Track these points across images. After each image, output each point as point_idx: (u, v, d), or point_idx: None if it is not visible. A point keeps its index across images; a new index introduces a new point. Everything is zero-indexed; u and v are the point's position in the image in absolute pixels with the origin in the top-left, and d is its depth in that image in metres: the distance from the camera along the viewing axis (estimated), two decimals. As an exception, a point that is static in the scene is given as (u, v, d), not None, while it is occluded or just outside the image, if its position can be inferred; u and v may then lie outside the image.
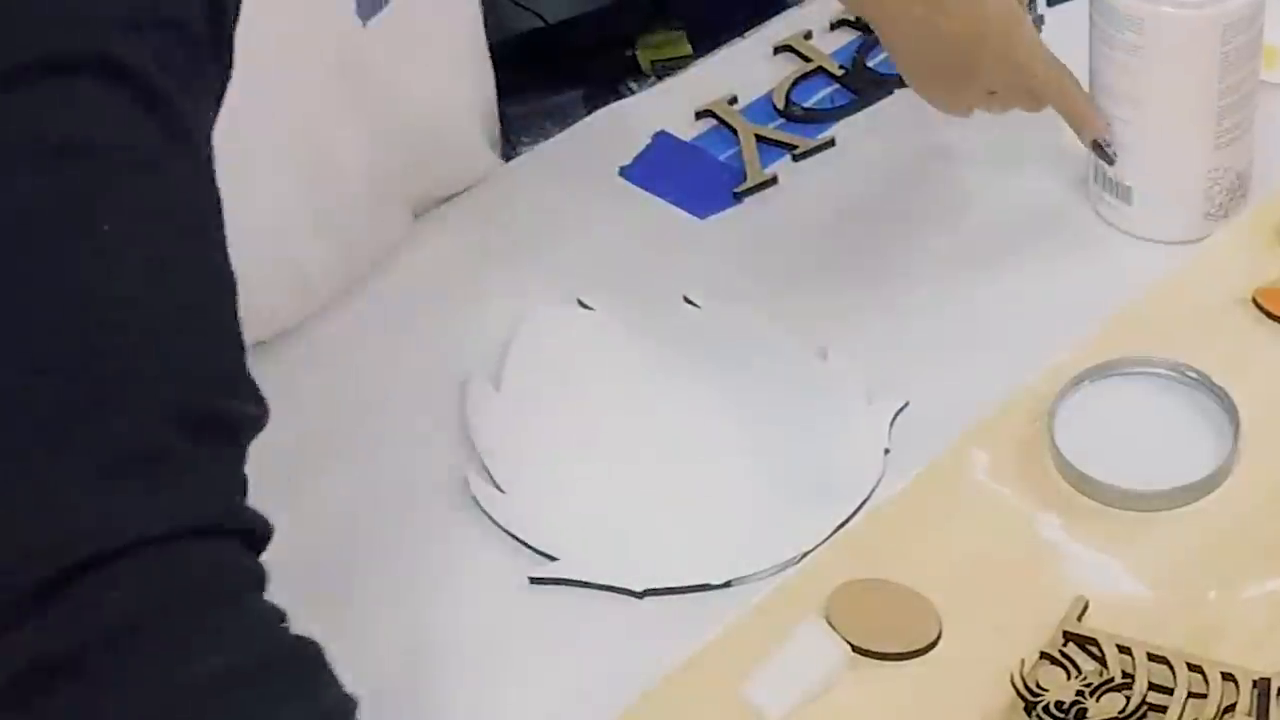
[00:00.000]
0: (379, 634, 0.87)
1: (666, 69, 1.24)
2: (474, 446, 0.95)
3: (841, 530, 0.88)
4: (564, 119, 1.19)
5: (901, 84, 1.16)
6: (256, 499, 0.75)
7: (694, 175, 1.11)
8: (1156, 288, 0.96)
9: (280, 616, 0.64)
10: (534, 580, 0.88)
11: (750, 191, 1.10)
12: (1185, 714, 0.76)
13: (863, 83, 1.17)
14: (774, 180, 1.10)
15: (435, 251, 1.08)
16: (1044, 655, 0.79)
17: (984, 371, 0.94)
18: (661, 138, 1.14)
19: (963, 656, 0.81)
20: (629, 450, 0.94)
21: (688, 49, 1.50)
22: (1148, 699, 0.76)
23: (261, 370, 0.66)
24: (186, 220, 0.65)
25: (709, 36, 1.19)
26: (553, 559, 0.89)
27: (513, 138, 2.10)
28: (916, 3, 0.95)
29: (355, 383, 1.00)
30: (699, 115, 1.15)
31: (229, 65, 0.69)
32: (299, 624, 0.88)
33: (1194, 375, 0.90)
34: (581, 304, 1.02)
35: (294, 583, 0.89)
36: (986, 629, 0.81)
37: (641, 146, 1.13)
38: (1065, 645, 0.79)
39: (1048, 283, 1.00)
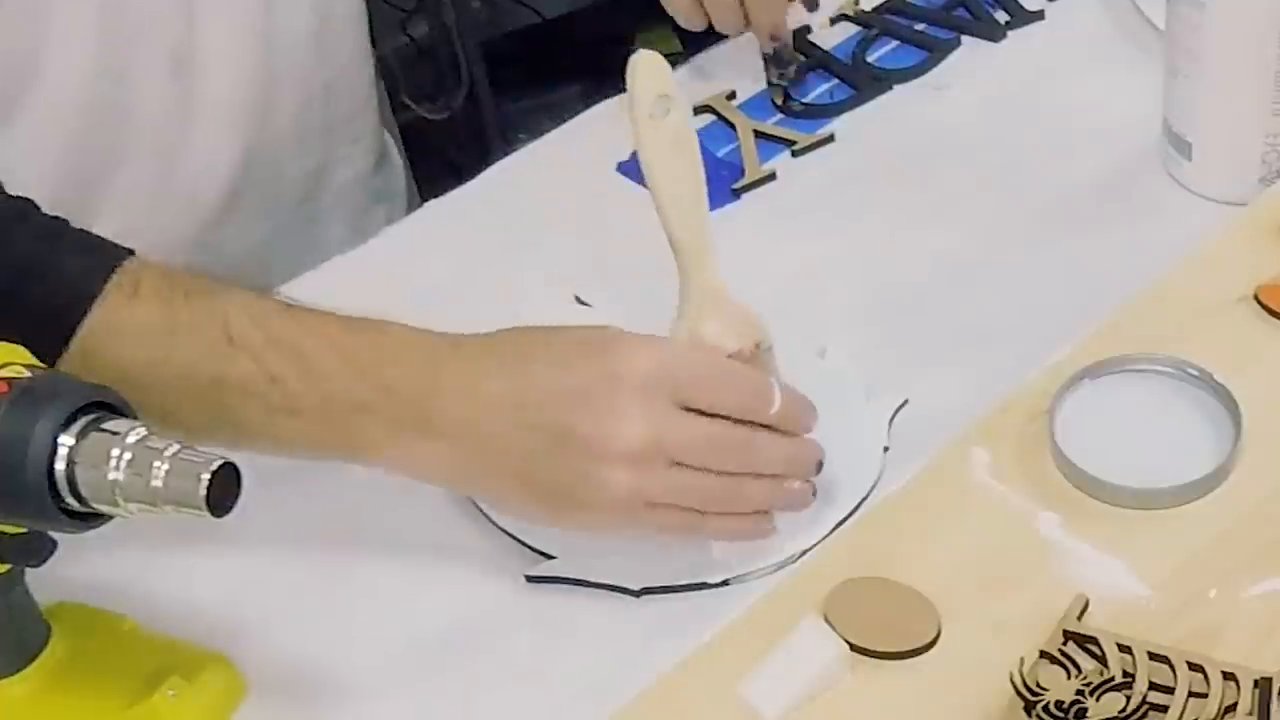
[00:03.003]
0: (378, 633, 0.87)
1: (664, 64, 1.24)
2: (471, 444, 0.94)
3: (840, 529, 0.87)
4: (561, 114, 1.18)
5: (901, 79, 1.16)
6: (257, 498, 0.74)
7: (692, 171, 1.11)
8: (1158, 284, 0.96)
9: None
10: (530, 579, 0.88)
11: (749, 187, 1.09)
12: (1186, 714, 0.75)
13: (862, 78, 1.16)
14: (773, 176, 1.10)
15: (431, 247, 1.08)
16: (1044, 654, 0.78)
17: (984, 369, 0.94)
18: (660, 133, 1.13)
19: (962, 655, 0.80)
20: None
21: (678, 45, 1.50)
22: (1148, 698, 0.76)
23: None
24: None
25: (697, 34, 1.18)
26: (550, 558, 0.88)
27: (510, 133, 2.10)
28: None
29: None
30: (697, 110, 1.15)
31: None
32: (298, 622, 0.88)
33: (1196, 373, 0.89)
34: (579, 300, 1.02)
35: (294, 582, 0.90)
36: (986, 628, 0.81)
37: (640, 142, 1.13)
38: (1065, 644, 0.79)
39: (1047, 280, 1.00)
